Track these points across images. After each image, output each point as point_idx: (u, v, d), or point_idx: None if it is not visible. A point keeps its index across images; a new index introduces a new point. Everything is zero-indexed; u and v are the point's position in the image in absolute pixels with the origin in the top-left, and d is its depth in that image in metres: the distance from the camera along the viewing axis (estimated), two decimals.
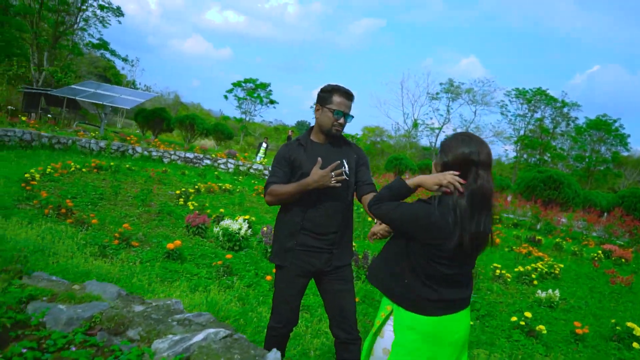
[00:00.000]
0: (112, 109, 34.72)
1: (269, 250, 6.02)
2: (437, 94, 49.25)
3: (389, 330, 2.05)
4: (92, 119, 30.29)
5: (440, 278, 1.97)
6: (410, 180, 2.08)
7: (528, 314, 4.98)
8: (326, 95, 2.60)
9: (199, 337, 2.00)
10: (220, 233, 6.20)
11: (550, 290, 6.17)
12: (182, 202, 8.75)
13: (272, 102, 47.32)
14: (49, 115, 22.22)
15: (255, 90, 46.78)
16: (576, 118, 49.18)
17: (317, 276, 2.63)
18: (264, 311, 4.05)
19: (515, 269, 7.48)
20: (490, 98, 48.19)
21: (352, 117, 2.64)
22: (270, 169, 2.64)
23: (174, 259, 5.15)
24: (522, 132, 49.52)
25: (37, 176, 8.18)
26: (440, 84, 50.56)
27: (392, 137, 50.05)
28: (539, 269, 7.73)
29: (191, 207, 8.27)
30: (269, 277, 4.96)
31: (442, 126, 49.15)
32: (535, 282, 7.13)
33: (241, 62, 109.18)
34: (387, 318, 2.08)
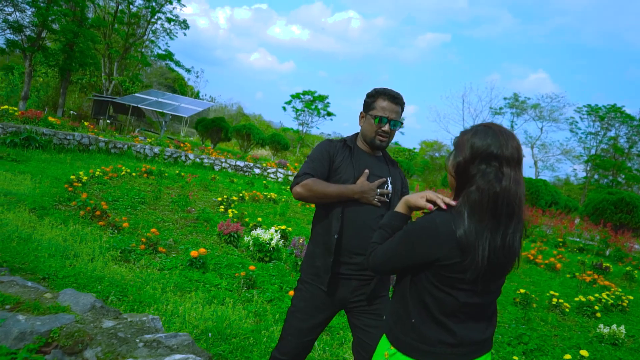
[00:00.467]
0: (176, 118, 36.04)
1: (299, 263, 5.71)
2: (501, 108, 47.32)
3: None
4: (155, 126, 31.48)
5: (458, 312, 1.53)
6: (398, 206, 1.72)
7: (585, 353, 4.33)
8: (370, 100, 2.26)
9: None
10: (250, 242, 5.96)
11: (614, 326, 5.42)
12: (222, 210, 8.64)
13: (329, 114, 47.23)
14: (107, 121, 23.23)
15: (313, 102, 46.94)
16: None
17: (346, 307, 2.22)
18: (276, 331, 3.71)
19: (576, 299, 6.71)
20: (559, 114, 45.67)
21: (401, 123, 2.26)
22: (306, 160, 2.24)
23: (196, 268, 4.95)
24: (593, 151, 46.47)
25: (85, 178, 8.36)
26: (505, 98, 48.53)
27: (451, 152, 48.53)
28: (603, 300, 6.90)
29: (230, 215, 8.12)
30: (291, 293, 4.63)
31: None
32: (598, 315, 6.34)
33: (304, 76, 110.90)
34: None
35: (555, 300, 6.40)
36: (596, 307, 6.48)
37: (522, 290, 6.53)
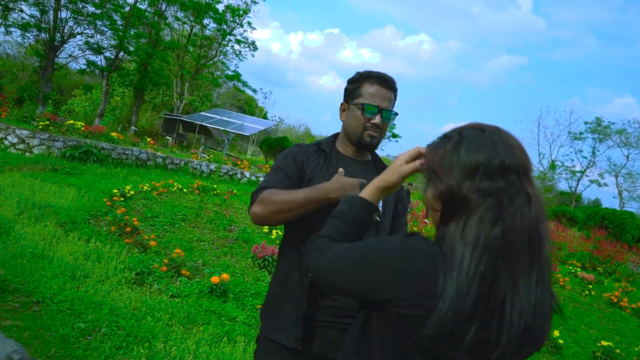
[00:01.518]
0: (244, 137, 36.75)
1: None
2: (581, 133, 44.16)
3: None
4: (221, 144, 32.19)
5: None
6: (366, 189, 1.16)
7: None
8: (353, 87, 1.67)
9: None
10: None
11: None
12: (266, 230, 8.18)
13: (394, 135, 46.37)
14: (168, 138, 23.84)
15: None
16: None
17: None
18: None
19: None
20: None
21: (395, 113, 1.66)
22: (268, 172, 1.69)
23: (216, 296, 4.44)
24: None
25: (132, 192, 8.24)
26: (586, 122, 45.26)
27: None
28: None
29: (274, 236, 7.64)
30: None
31: (585, 169, 43.84)
32: None
33: None
34: None
35: None
36: None
37: (603, 343, 5.48)
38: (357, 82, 1.65)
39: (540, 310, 0.88)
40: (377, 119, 1.60)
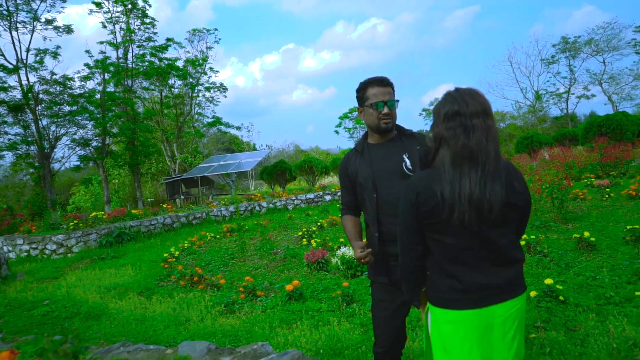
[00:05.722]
0: (242, 174, 37.55)
1: None
2: (553, 56, 44.87)
3: (429, 325, 1.81)
4: (225, 188, 32.96)
5: (459, 258, 1.66)
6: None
7: None
8: (361, 94, 2.43)
9: None
10: (339, 262, 6.10)
11: None
12: (305, 242, 8.88)
13: None
14: (180, 198, 24.62)
15: None
16: None
17: None
18: None
19: None
20: (618, 41, 42.47)
21: (397, 100, 2.40)
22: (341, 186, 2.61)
23: (295, 300, 5.14)
24: None
25: (177, 253, 8.96)
26: (553, 45, 46.05)
27: (516, 117, 46.48)
28: None
29: (314, 244, 8.34)
30: None
31: (569, 89, 44.47)
32: None
33: (348, 95, 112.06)
34: (427, 313, 1.84)
35: None
36: None
37: (629, 227, 6.13)
38: (363, 89, 2.41)
39: (491, 190, 1.60)
40: (385, 110, 2.33)
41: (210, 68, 33.87)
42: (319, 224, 10.75)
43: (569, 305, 4.08)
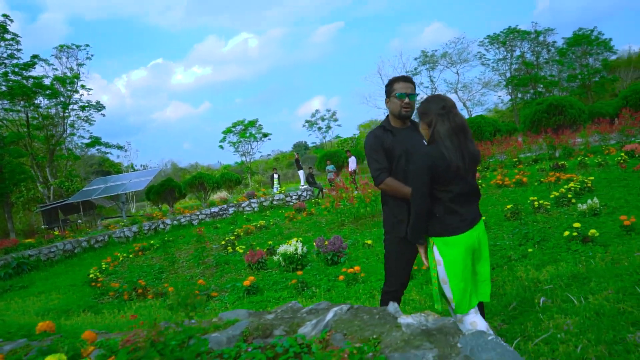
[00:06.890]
0: (117, 198, 35.64)
1: (329, 258, 6.52)
2: (416, 69, 49.82)
3: (437, 256, 2.61)
4: (108, 212, 31.13)
5: (458, 198, 2.54)
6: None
7: (577, 224, 5.40)
8: (388, 87, 3.05)
9: (330, 315, 2.49)
10: (280, 259, 6.71)
11: (589, 201, 6.57)
12: (231, 250, 9.29)
13: (265, 135, 48.08)
14: (60, 224, 23.00)
15: (246, 130, 47.62)
16: (554, 42, 49.35)
17: None
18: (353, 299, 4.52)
19: (551, 196, 7.87)
20: (467, 54, 48.66)
21: (417, 95, 3.06)
22: (368, 158, 3.00)
23: (253, 294, 5.66)
24: (508, 75, 49.77)
25: (98, 274, 8.79)
26: (415, 59, 51.16)
27: None
28: (572, 188, 8.10)
29: (241, 251, 8.80)
30: (341, 277, 5.45)
31: None
32: (573, 201, 7.50)
33: (223, 109, 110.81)
34: (432, 251, 2.65)
35: (536, 203, 7.51)
36: (569, 196, 7.65)
37: (508, 206, 7.62)
38: (391, 84, 3.06)
39: (474, 148, 2.55)
40: (407, 100, 3.00)
41: (82, 86, 31.88)
42: (235, 233, 11.16)
43: None
